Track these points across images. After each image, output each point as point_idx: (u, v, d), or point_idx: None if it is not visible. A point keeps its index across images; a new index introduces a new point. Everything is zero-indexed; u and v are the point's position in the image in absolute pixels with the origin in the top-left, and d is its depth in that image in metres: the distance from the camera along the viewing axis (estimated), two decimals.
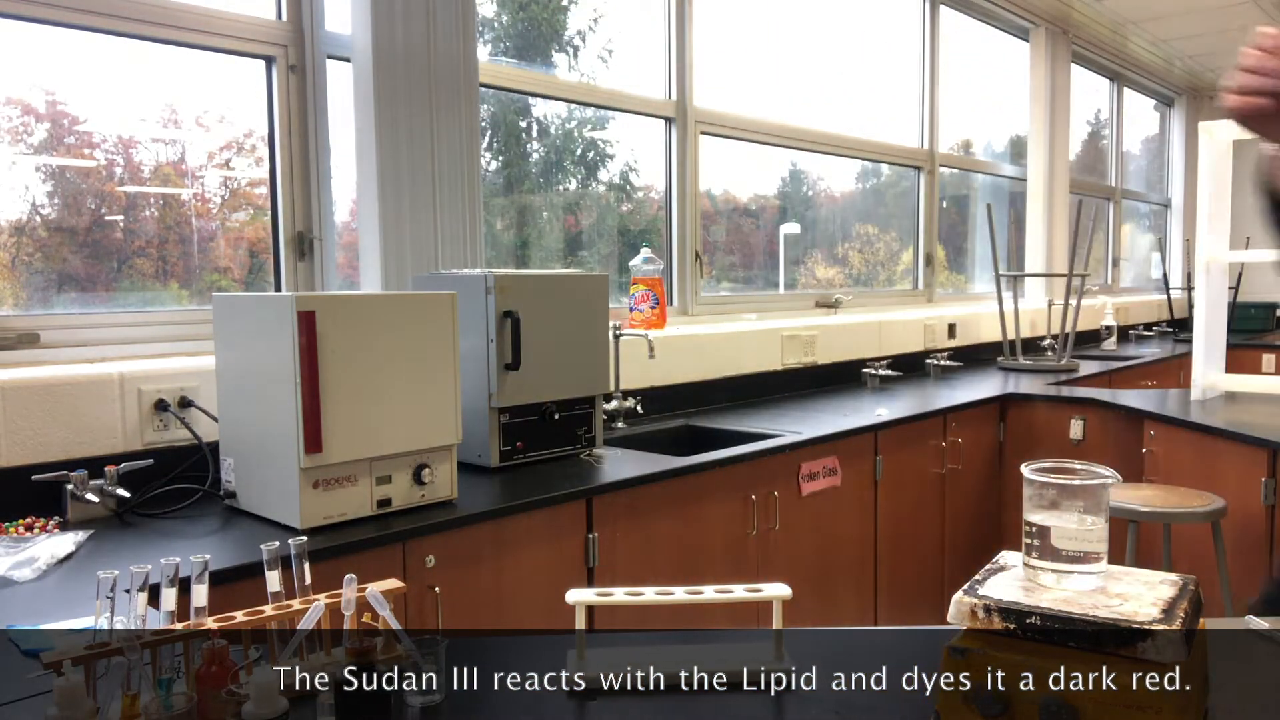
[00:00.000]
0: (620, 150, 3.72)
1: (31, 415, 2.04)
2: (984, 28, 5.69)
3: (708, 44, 3.78)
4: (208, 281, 2.59)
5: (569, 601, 1.22)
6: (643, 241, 3.57)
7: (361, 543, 1.87)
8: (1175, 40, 6.79)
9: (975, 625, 1.04)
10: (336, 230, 2.71)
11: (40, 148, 2.31)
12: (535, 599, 2.15)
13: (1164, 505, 2.84)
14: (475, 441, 2.39)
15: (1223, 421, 3.28)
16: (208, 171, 2.60)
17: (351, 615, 1.15)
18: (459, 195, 2.72)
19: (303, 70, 2.59)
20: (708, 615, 2.27)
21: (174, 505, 2.08)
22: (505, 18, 3.40)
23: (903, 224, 5.30)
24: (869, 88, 4.98)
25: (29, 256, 2.31)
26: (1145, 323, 7.25)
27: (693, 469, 2.54)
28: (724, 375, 3.67)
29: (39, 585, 1.64)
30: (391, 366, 1.98)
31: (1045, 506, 1.11)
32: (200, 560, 1.18)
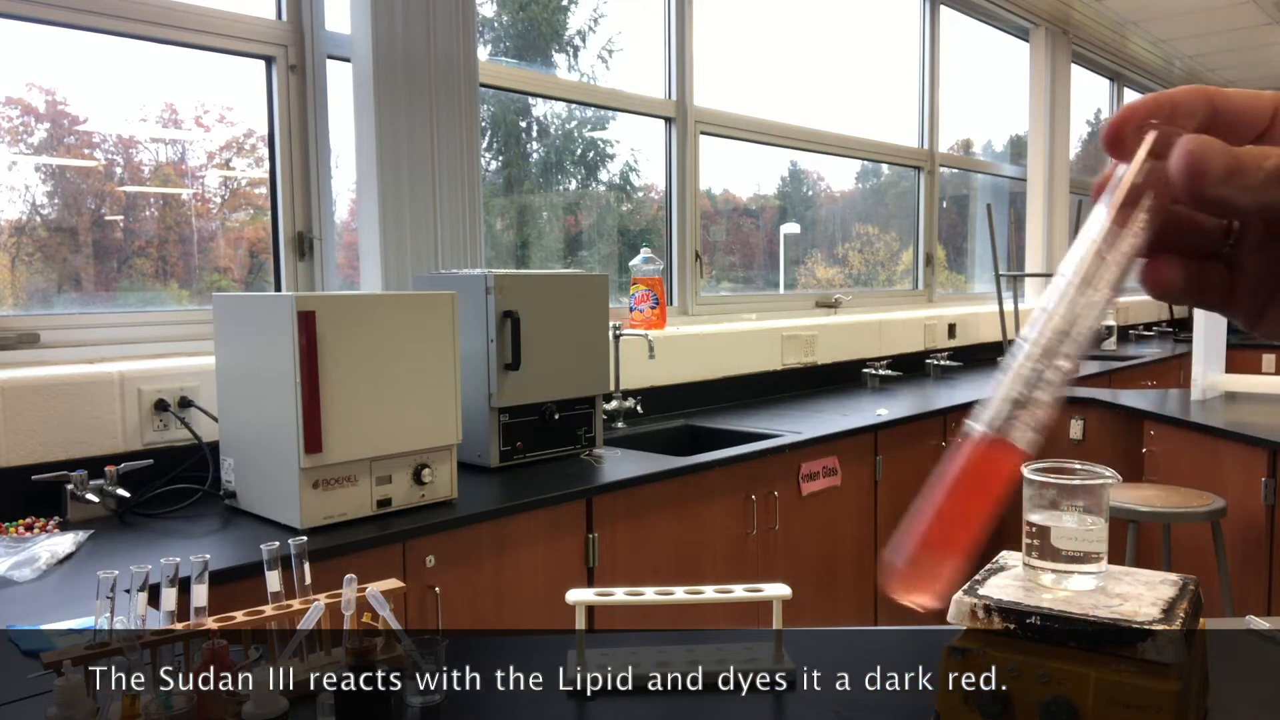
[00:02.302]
0: (620, 150, 3.72)
1: (31, 415, 2.04)
2: (984, 28, 5.69)
3: (708, 44, 3.78)
4: (208, 281, 2.59)
5: (569, 601, 1.22)
6: (643, 241, 3.57)
7: (361, 543, 1.87)
8: (1175, 40, 6.79)
9: (975, 625, 1.04)
10: (336, 230, 2.71)
11: (40, 148, 2.31)
12: (535, 599, 2.15)
13: (1164, 505, 2.84)
14: (475, 441, 2.39)
15: (1223, 421, 3.28)
16: (208, 171, 2.60)
17: (351, 615, 1.15)
18: (459, 195, 2.72)
19: (303, 70, 2.59)
20: (708, 615, 2.27)
21: (174, 505, 2.08)
22: (505, 18, 3.40)
23: (903, 224, 5.30)
24: (869, 88, 4.98)
25: (29, 256, 2.31)
26: (1145, 323, 7.25)
27: (693, 469, 2.54)
28: (724, 375, 3.67)
29: (39, 585, 1.64)
30: (391, 366, 1.98)
31: (1045, 506, 1.11)
32: (200, 560, 1.18)
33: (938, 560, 0.42)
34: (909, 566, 0.42)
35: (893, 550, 0.43)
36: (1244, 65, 7.46)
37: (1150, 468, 3.48)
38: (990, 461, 0.41)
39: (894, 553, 0.43)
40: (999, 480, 0.42)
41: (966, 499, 0.42)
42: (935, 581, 0.42)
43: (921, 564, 0.42)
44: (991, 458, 0.41)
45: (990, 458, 0.41)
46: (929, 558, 0.42)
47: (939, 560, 0.42)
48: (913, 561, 0.42)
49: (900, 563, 0.42)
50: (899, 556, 0.42)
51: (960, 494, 0.42)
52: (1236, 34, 6.48)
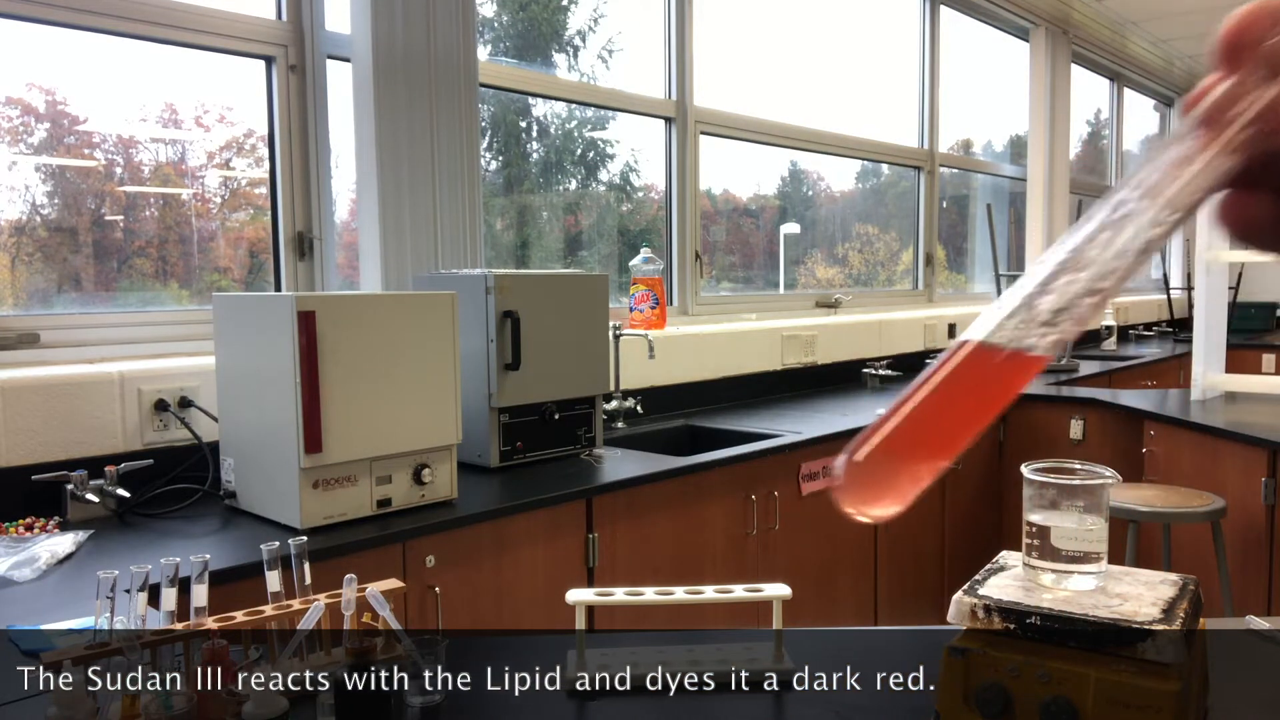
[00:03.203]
0: (620, 150, 3.72)
1: (31, 415, 2.04)
2: (984, 28, 5.69)
3: (708, 44, 3.78)
4: (208, 281, 2.59)
5: (569, 601, 1.22)
6: (643, 241, 3.57)
7: (361, 543, 1.87)
8: (1175, 40, 6.79)
9: (975, 625, 1.04)
10: (336, 230, 2.71)
11: (40, 148, 2.31)
12: (535, 599, 2.15)
13: (1164, 505, 2.84)
14: (475, 441, 2.39)
15: (1223, 421, 3.28)
16: (208, 171, 2.60)
17: (351, 615, 1.15)
18: (459, 195, 2.72)
19: (303, 70, 2.59)
20: (708, 615, 2.27)
21: (174, 505, 2.08)
22: (505, 18, 3.40)
23: (903, 224, 5.30)
24: (869, 88, 4.98)
25: (29, 256, 2.31)
26: (1145, 322, 7.25)
27: (693, 469, 2.54)
28: (724, 375, 3.67)
29: (39, 585, 1.64)
30: (391, 366, 1.98)
31: (1045, 506, 1.11)
32: (200, 560, 1.18)
33: (908, 465, 0.39)
34: (871, 466, 0.39)
35: (851, 450, 0.39)
36: None
37: (1150, 468, 3.48)
38: (998, 372, 0.38)
39: (852, 452, 0.39)
40: (1005, 392, 0.39)
41: (960, 407, 0.39)
42: (900, 489, 0.39)
43: (887, 467, 0.39)
44: (1001, 369, 0.38)
45: (999, 369, 0.38)
46: (898, 461, 0.39)
47: (909, 465, 0.39)
48: (876, 462, 0.39)
49: (860, 461, 0.39)
50: (859, 455, 0.39)
51: (952, 400, 0.39)
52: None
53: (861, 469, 0.39)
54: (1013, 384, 0.39)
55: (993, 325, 0.39)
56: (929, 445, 0.39)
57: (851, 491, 0.39)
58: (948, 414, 0.39)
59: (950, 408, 0.39)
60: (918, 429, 0.39)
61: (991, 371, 0.39)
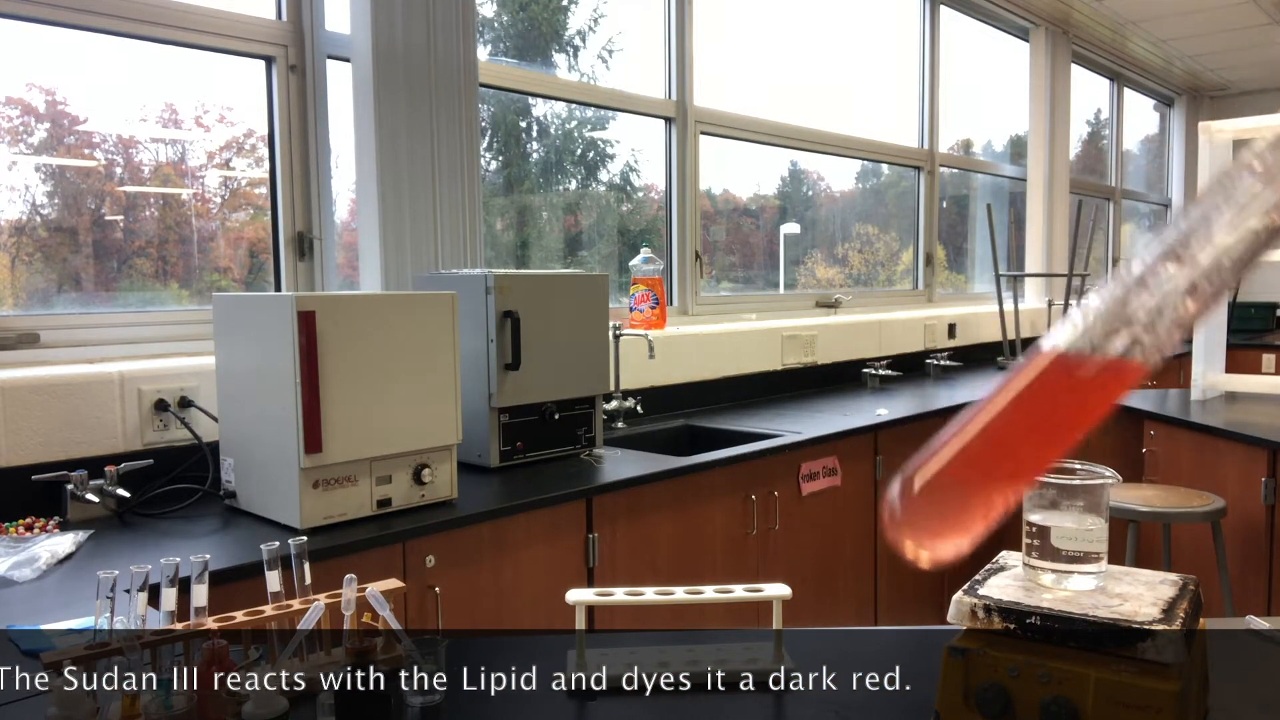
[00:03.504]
0: (620, 150, 3.72)
1: (31, 415, 2.04)
2: (984, 28, 5.69)
3: (708, 44, 3.78)
4: (208, 281, 2.59)
5: (569, 601, 1.22)
6: (643, 241, 3.57)
7: (361, 543, 1.87)
8: (1175, 40, 6.79)
9: (975, 625, 1.04)
10: (336, 230, 2.71)
11: (40, 148, 2.31)
12: (535, 599, 2.15)
13: (1164, 505, 2.84)
14: (475, 441, 2.39)
15: (1223, 421, 3.28)
16: (208, 171, 2.60)
17: (351, 615, 1.15)
18: (459, 195, 2.72)
19: (303, 70, 2.59)
20: (708, 615, 2.27)
21: (174, 505, 2.08)
22: (505, 18, 3.40)
23: (903, 224, 5.30)
24: (869, 88, 4.98)
25: (29, 256, 2.31)
26: None
27: (693, 469, 2.54)
28: (724, 375, 3.67)
29: (39, 585, 1.64)
30: (391, 367, 1.98)
31: (1045, 506, 1.11)
32: (200, 560, 1.18)
33: (978, 492, 0.32)
34: (934, 496, 0.31)
35: (906, 478, 0.32)
36: (1244, 65, 7.46)
37: (1150, 468, 3.48)
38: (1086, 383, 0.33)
39: (908, 481, 0.32)
40: (1097, 406, 0.33)
41: (1040, 423, 0.33)
42: (968, 522, 0.32)
43: (953, 496, 0.32)
44: (1090, 379, 0.33)
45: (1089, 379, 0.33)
46: (966, 488, 0.32)
47: (979, 493, 0.32)
48: (940, 490, 0.32)
49: (921, 492, 0.32)
50: (917, 483, 0.32)
51: (1031, 416, 0.33)
52: (1236, 34, 6.47)
53: (922, 500, 0.33)
54: (1106, 396, 0.34)
55: (1077, 331, 0.34)
56: (1003, 468, 0.33)
57: (912, 528, 0.33)
58: (1025, 432, 0.34)
59: (1028, 425, 0.34)
60: (989, 450, 0.33)
61: (1078, 382, 0.33)
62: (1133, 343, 0.33)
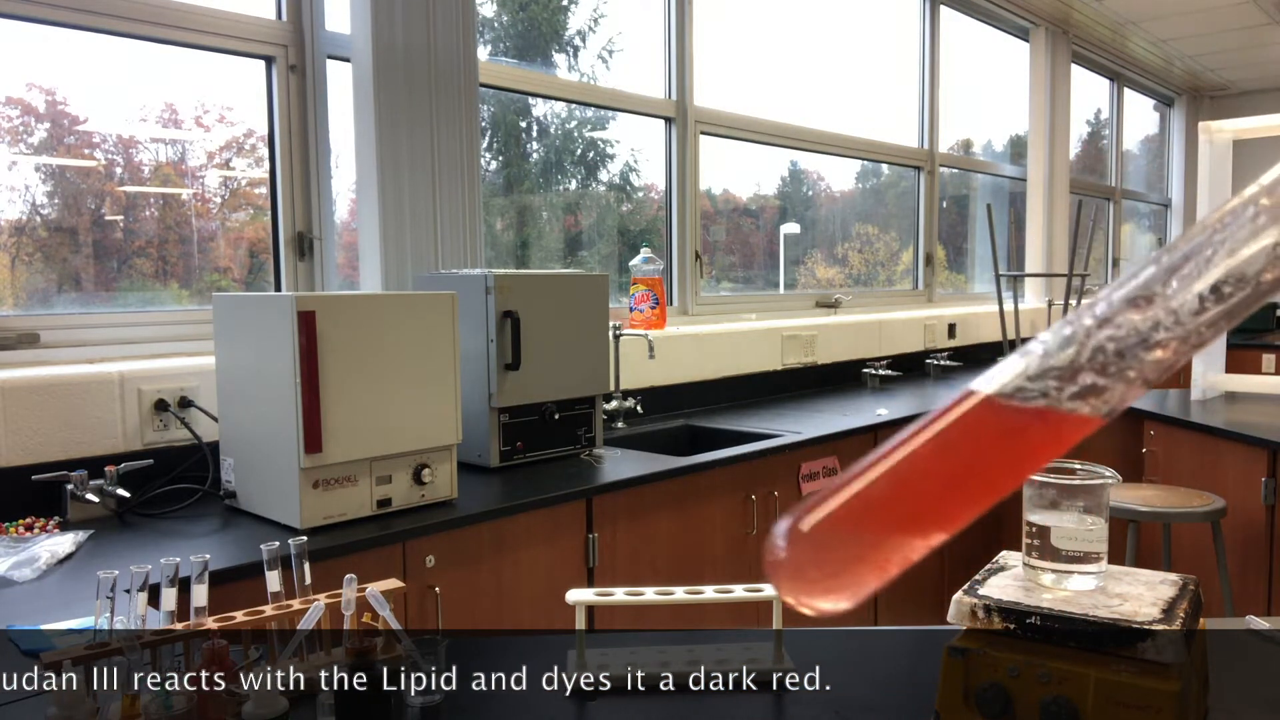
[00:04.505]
0: (620, 150, 3.72)
1: (31, 415, 2.04)
2: (984, 28, 5.69)
3: (708, 44, 3.78)
4: (208, 281, 2.59)
5: (569, 601, 1.22)
6: (643, 241, 3.57)
7: (361, 543, 1.87)
8: (1175, 40, 6.79)
9: (975, 625, 1.04)
10: (336, 230, 2.71)
11: (40, 148, 2.31)
12: (535, 599, 2.15)
13: (1164, 505, 2.84)
14: (475, 441, 2.39)
15: (1223, 421, 3.28)
16: (208, 171, 2.60)
17: (351, 615, 1.15)
18: (459, 195, 2.72)
19: (303, 70, 2.59)
20: (708, 615, 2.27)
21: (174, 505, 2.08)
22: (505, 18, 3.40)
23: (903, 224, 5.30)
24: (869, 88, 4.98)
25: (29, 256, 2.31)
26: None
27: (693, 469, 2.54)
28: (724, 375, 3.67)
29: (39, 585, 1.64)
30: (391, 366, 1.98)
31: (1045, 506, 1.11)
32: (200, 560, 1.18)
33: (874, 541, 0.27)
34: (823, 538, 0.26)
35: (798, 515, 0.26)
36: (1244, 65, 7.46)
37: (1150, 468, 3.48)
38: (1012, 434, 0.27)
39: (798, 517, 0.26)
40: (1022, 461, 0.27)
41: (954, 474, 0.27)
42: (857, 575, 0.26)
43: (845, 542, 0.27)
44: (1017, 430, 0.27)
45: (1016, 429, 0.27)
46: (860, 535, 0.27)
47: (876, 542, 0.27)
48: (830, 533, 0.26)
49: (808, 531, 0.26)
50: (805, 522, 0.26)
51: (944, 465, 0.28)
52: (1236, 34, 6.47)
53: (809, 542, 0.28)
54: (1042, 450, 0.28)
55: (1017, 371, 0.28)
56: (908, 519, 0.28)
57: (792, 572, 0.27)
58: (940, 480, 0.29)
59: (945, 473, 0.29)
60: (895, 496, 0.28)
61: (1012, 430, 0.28)
62: (1083, 391, 0.28)
